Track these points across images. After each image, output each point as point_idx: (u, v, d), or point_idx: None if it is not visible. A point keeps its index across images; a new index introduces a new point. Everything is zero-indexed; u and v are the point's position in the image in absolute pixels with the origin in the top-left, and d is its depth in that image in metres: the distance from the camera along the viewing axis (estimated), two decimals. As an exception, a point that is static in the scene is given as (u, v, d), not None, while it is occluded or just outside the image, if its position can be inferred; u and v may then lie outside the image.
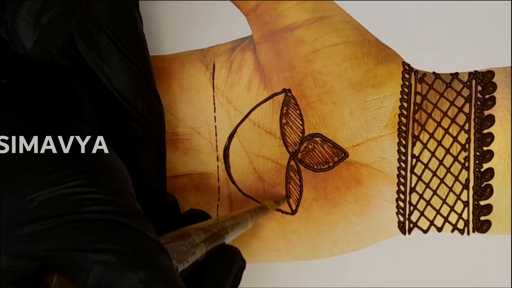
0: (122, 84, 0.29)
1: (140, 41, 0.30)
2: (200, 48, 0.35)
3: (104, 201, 0.23)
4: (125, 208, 0.23)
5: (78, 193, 0.22)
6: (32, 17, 0.23)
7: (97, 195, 0.23)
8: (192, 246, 0.26)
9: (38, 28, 0.23)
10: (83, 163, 0.23)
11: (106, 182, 0.24)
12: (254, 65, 0.34)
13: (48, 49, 0.24)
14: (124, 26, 0.29)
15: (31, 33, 0.23)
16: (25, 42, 0.24)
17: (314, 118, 0.33)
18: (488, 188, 0.32)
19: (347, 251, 0.34)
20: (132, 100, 0.29)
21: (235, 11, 0.34)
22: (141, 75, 0.29)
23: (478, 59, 0.33)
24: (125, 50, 0.29)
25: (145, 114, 0.30)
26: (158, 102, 0.31)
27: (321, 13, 0.33)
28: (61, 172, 0.23)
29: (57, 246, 0.21)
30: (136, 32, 0.30)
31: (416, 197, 0.33)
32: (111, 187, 0.24)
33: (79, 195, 0.22)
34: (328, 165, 0.34)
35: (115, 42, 0.28)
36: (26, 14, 0.23)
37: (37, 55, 0.24)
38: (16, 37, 0.24)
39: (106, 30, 0.28)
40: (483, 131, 0.32)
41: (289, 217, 0.34)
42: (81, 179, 0.23)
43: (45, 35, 0.24)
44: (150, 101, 0.30)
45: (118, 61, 0.28)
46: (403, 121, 0.32)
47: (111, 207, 0.23)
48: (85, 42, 0.28)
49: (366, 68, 0.32)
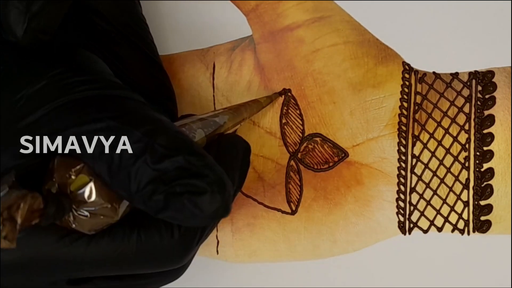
0: (132, 70, 0.29)
1: (142, 26, 0.30)
2: (200, 48, 0.35)
3: (89, 81, 0.23)
4: (111, 83, 0.24)
5: (63, 79, 0.23)
6: (23, 5, 0.23)
7: (81, 77, 0.23)
8: (190, 131, 0.26)
9: (28, 16, 0.23)
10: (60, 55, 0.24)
11: (86, 66, 0.24)
12: (254, 65, 0.34)
13: (40, 37, 0.24)
14: (126, 12, 0.29)
15: (21, 21, 0.23)
16: (16, 30, 0.23)
17: (314, 118, 0.33)
18: (488, 188, 0.32)
19: (347, 251, 0.34)
20: (144, 84, 0.29)
21: (235, 11, 0.34)
22: (149, 58, 0.30)
23: (478, 59, 0.33)
24: (130, 36, 0.29)
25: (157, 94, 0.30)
26: (168, 82, 0.31)
27: (321, 13, 0.33)
28: (42, 66, 0.23)
29: (54, 127, 0.22)
30: (137, 17, 0.30)
31: (416, 197, 0.33)
32: (93, 70, 0.24)
33: (63, 81, 0.23)
34: (328, 165, 0.34)
35: (119, 30, 0.28)
36: (16, 2, 0.23)
37: (28, 42, 0.24)
38: (7, 25, 0.23)
39: (109, 19, 0.28)
40: (483, 131, 0.32)
41: (289, 217, 0.34)
42: (61, 67, 0.23)
43: (36, 22, 0.24)
44: (162, 82, 0.31)
45: (125, 48, 0.29)
46: (403, 121, 0.32)
47: (98, 83, 0.23)
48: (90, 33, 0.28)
49: (366, 68, 0.32)
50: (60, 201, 0.21)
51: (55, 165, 0.22)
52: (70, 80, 0.23)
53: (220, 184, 0.22)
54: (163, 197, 0.21)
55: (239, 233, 0.34)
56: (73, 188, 0.22)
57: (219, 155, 0.27)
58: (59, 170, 0.22)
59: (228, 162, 0.27)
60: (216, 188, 0.22)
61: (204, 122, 0.27)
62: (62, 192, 0.22)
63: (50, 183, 0.22)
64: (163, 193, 0.21)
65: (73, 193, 0.22)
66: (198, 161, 0.22)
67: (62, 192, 0.22)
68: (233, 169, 0.27)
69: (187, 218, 0.22)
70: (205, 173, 0.22)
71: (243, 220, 0.34)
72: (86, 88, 0.23)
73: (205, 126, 0.27)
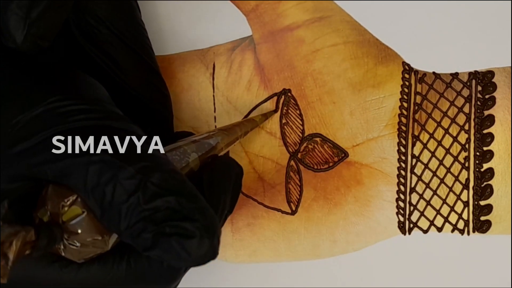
0: (127, 74, 0.29)
1: (140, 30, 0.30)
2: (200, 48, 0.35)
3: (87, 110, 0.23)
4: (109, 113, 0.24)
5: (60, 107, 0.23)
6: (22, 11, 0.23)
7: (79, 106, 0.23)
8: (184, 155, 0.26)
9: (28, 22, 0.23)
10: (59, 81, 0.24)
11: (85, 94, 0.24)
12: (254, 65, 0.34)
13: (39, 43, 0.24)
14: (124, 17, 0.29)
15: (21, 27, 0.23)
16: (16, 36, 0.23)
17: (314, 118, 0.33)
18: (488, 188, 0.32)
19: (347, 251, 0.34)
20: (139, 89, 0.29)
21: (235, 11, 0.34)
22: (145, 63, 0.30)
23: (478, 59, 0.33)
24: (127, 40, 0.29)
25: (153, 101, 0.30)
26: (165, 88, 0.31)
27: (321, 13, 0.33)
28: (40, 92, 0.23)
29: (47, 157, 0.21)
30: (135, 22, 0.30)
31: (416, 197, 0.33)
32: (91, 98, 0.24)
33: (61, 109, 0.23)
34: (328, 165, 0.34)
35: (116, 34, 0.28)
36: (16, 7, 0.23)
37: (28, 48, 0.24)
38: (6, 31, 0.23)
39: (106, 23, 0.28)
40: (483, 131, 0.32)
41: (289, 217, 0.34)
42: (60, 94, 0.23)
43: (36, 28, 0.24)
44: (157, 87, 0.31)
45: (121, 52, 0.29)
46: (403, 121, 0.32)
47: (96, 114, 0.23)
48: (87, 36, 0.28)
49: (366, 68, 0.32)
50: (51, 231, 0.21)
51: (48, 193, 0.22)
52: (67, 108, 0.23)
53: (209, 230, 0.22)
54: (152, 236, 0.21)
55: (239, 233, 0.34)
56: (65, 219, 0.22)
57: (213, 178, 0.27)
58: (52, 199, 0.22)
59: (221, 186, 0.27)
60: (205, 233, 0.21)
61: (198, 145, 0.28)
62: (53, 221, 0.22)
63: (42, 211, 0.22)
64: (152, 232, 0.21)
65: (65, 223, 0.22)
66: (190, 203, 0.22)
67: (54, 221, 0.22)
68: (226, 192, 0.27)
69: (173, 259, 0.22)
70: (195, 217, 0.22)
71: (243, 220, 0.34)
72: (83, 118, 0.23)
73: (199, 149, 0.27)
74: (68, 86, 0.24)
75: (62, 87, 0.24)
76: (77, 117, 0.23)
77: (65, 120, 0.22)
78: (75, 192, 0.22)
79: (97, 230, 0.22)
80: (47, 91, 0.23)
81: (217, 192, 0.27)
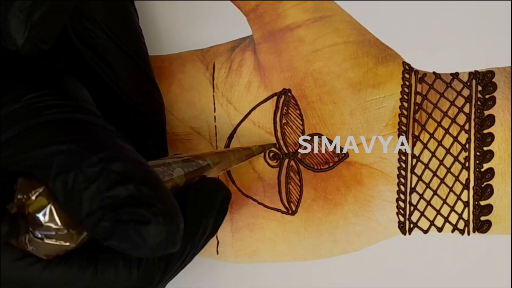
0: (121, 79, 0.29)
1: (137, 36, 0.30)
2: (200, 48, 0.35)
3: (62, 105, 0.23)
4: (83, 109, 0.24)
5: (37, 102, 0.23)
6: (23, 14, 0.23)
7: (55, 101, 0.23)
8: (169, 169, 0.26)
9: (29, 25, 0.23)
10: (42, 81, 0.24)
11: (64, 91, 0.24)
12: (254, 65, 0.34)
13: (39, 46, 0.24)
14: (120, 22, 0.29)
15: (22, 30, 0.23)
16: (17, 39, 0.23)
17: (314, 118, 0.33)
18: (488, 188, 0.32)
19: (347, 251, 0.34)
20: (132, 94, 0.29)
21: (235, 11, 0.34)
22: (139, 69, 0.30)
23: (478, 59, 0.33)
24: (122, 45, 0.29)
25: (146, 106, 0.30)
26: (158, 94, 0.31)
27: (321, 13, 0.33)
28: (20, 89, 0.23)
29: (20, 149, 0.22)
30: (132, 27, 0.30)
31: (416, 197, 0.33)
32: (70, 95, 0.24)
33: (38, 104, 0.23)
34: (328, 165, 0.34)
35: (112, 38, 0.28)
36: (17, 10, 0.23)
37: (28, 51, 0.24)
38: (7, 34, 0.23)
39: (103, 26, 0.28)
40: (483, 131, 0.32)
41: (289, 217, 0.34)
42: (39, 92, 0.23)
43: (36, 31, 0.24)
44: (150, 94, 0.30)
45: (116, 56, 0.29)
46: (403, 121, 0.32)
47: (69, 108, 0.23)
48: (82, 39, 0.28)
49: (366, 68, 0.32)
50: (15, 221, 0.21)
51: (18, 186, 0.22)
52: (43, 103, 0.23)
53: (167, 216, 0.21)
54: (110, 224, 0.21)
55: (239, 233, 0.34)
56: (31, 210, 0.21)
57: (197, 199, 0.27)
58: (21, 191, 0.22)
59: (205, 208, 0.27)
60: (161, 219, 0.21)
61: (186, 163, 0.27)
62: (20, 212, 0.21)
63: (11, 204, 0.22)
64: (110, 220, 0.21)
65: (30, 214, 0.21)
66: (149, 191, 0.22)
67: (21, 213, 0.21)
68: (208, 215, 0.27)
69: (130, 248, 0.21)
70: (152, 203, 0.21)
71: (243, 220, 0.34)
72: (56, 111, 0.23)
73: (186, 166, 0.27)
74: (49, 84, 0.24)
75: (44, 85, 0.24)
76: (50, 110, 0.23)
77: (40, 113, 0.22)
78: (43, 184, 0.22)
79: (63, 222, 0.22)
80: (28, 89, 0.23)
81: (199, 213, 0.27)
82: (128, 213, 0.21)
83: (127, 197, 0.21)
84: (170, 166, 0.26)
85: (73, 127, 0.23)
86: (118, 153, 0.22)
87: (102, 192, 0.21)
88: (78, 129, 0.23)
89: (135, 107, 0.30)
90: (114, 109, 0.29)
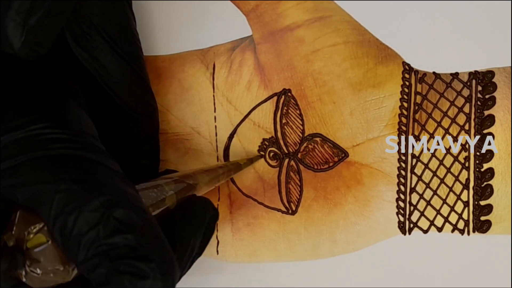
0: (115, 82, 0.29)
1: (133, 40, 0.30)
2: (200, 48, 0.35)
3: (66, 139, 0.23)
4: (88, 145, 0.24)
5: (41, 134, 0.23)
6: (21, 17, 0.23)
7: (60, 135, 0.23)
8: (161, 193, 0.27)
9: (26, 29, 0.23)
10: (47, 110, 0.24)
11: (69, 125, 0.24)
12: (254, 65, 0.34)
13: (37, 49, 0.24)
14: (117, 25, 0.29)
15: (19, 33, 0.23)
16: (13, 42, 0.23)
17: (314, 118, 0.33)
18: (488, 188, 0.32)
19: (347, 251, 0.34)
20: (126, 98, 0.29)
21: (235, 11, 0.34)
22: (134, 73, 0.30)
23: (478, 59, 0.33)
24: (118, 49, 0.29)
25: (139, 112, 0.30)
26: (152, 100, 0.31)
27: (321, 13, 0.33)
28: (25, 118, 0.23)
29: (19, 181, 0.22)
30: (129, 31, 0.30)
31: (416, 197, 0.33)
32: (75, 129, 0.24)
33: (42, 136, 0.23)
34: (328, 165, 0.34)
35: (108, 41, 0.28)
36: (14, 14, 0.23)
37: (25, 55, 0.24)
38: (4, 37, 0.23)
39: (99, 29, 0.28)
40: (483, 131, 0.32)
41: (289, 217, 0.34)
42: (44, 123, 0.23)
43: (34, 35, 0.23)
44: (144, 99, 0.31)
45: (111, 60, 0.28)
46: (403, 121, 0.32)
47: (74, 144, 0.23)
48: (78, 41, 0.28)
49: (366, 68, 0.32)
50: (14, 257, 0.21)
51: (17, 218, 0.22)
52: (48, 136, 0.23)
53: (165, 273, 0.22)
54: (106, 272, 0.21)
55: (239, 233, 0.34)
56: (30, 246, 0.22)
57: (185, 220, 0.27)
58: (20, 225, 0.22)
59: (193, 228, 0.27)
60: (159, 276, 0.21)
61: (177, 184, 0.28)
62: (18, 246, 0.22)
63: (9, 235, 0.22)
64: (106, 268, 0.21)
65: (29, 250, 0.22)
66: (149, 243, 0.22)
67: (18, 247, 0.22)
68: (196, 235, 0.27)
69: None
70: (151, 258, 0.22)
71: (243, 220, 0.34)
72: (60, 146, 0.23)
73: (178, 187, 0.28)
74: (54, 115, 0.24)
75: (48, 115, 0.24)
76: (55, 145, 0.23)
77: (43, 147, 0.22)
78: (42, 220, 0.22)
79: (60, 260, 0.22)
80: (32, 119, 0.23)
81: (187, 234, 0.27)
82: (126, 265, 0.21)
83: (125, 247, 0.21)
84: (164, 190, 0.27)
85: (76, 165, 0.23)
86: (120, 198, 0.22)
87: (101, 239, 0.21)
88: (81, 167, 0.23)
89: (128, 112, 0.30)
90: (108, 113, 0.29)
